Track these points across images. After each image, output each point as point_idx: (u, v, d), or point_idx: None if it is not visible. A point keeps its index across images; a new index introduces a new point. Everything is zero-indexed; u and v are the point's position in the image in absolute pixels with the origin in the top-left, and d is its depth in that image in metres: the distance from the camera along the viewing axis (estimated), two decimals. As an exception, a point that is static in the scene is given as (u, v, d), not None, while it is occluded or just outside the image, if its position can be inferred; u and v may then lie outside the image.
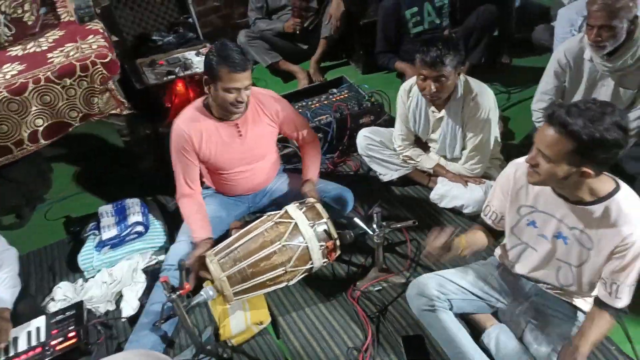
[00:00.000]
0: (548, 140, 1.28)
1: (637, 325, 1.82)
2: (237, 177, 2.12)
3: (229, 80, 1.81)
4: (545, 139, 1.29)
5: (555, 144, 1.27)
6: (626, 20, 1.92)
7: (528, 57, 3.39)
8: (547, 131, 1.28)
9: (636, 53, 2.03)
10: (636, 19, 1.96)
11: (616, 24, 1.91)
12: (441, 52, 1.91)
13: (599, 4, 1.91)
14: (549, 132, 1.28)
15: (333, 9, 3.23)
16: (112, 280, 2.12)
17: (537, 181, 1.39)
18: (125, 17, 3.25)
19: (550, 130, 1.27)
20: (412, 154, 2.38)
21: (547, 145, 1.29)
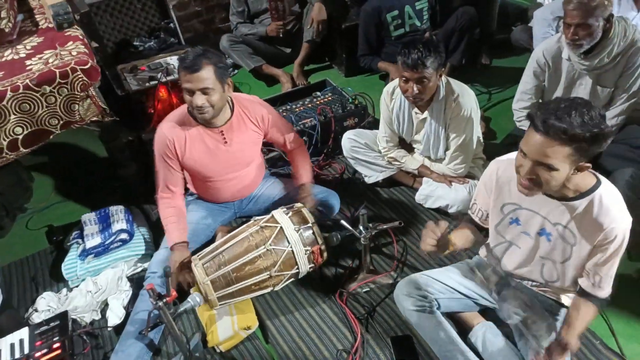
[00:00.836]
0: (548, 151, 1.25)
1: (620, 319, 1.86)
2: (222, 184, 2.11)
3: (184, 81, 1.79)
4: (543, 149, 1.26)
5: (558, 151, 1.25)
6: (601, 18, 1.96)
7: (507, 58, 3.45)
8: (544, 142, 1.25)
9: (612, 52, 2.07)
10: (611, 18, 2.01)
11: (592, 22, 1.96)
12: (422, 54, 1.93)
13: (574, 3, 1.95)
14: (547, 142, 1.24)
15: (315, 13, 3.25)
16: (97, 289, 2.09)
17: (535, 192, 1.37)
18: (105, 23, 3.22)
19: (548, 139, 1.24)
20: (397, 155, 2.40)
21: (547, 155, 1.26)
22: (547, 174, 1.30)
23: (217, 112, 1.88)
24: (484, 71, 3.39)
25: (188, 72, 1.76)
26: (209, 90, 1.79)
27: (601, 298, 1.50)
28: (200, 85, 1.77)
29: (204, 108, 1.82)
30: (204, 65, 1.76)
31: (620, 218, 1.39)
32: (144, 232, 2.30)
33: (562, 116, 1.22)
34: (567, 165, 1.28)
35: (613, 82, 2.18)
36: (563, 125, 1.21)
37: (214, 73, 1.78)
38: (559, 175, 1.29)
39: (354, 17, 3.32)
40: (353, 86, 3.28)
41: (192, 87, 1.78)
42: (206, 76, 1.76)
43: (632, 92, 2.18)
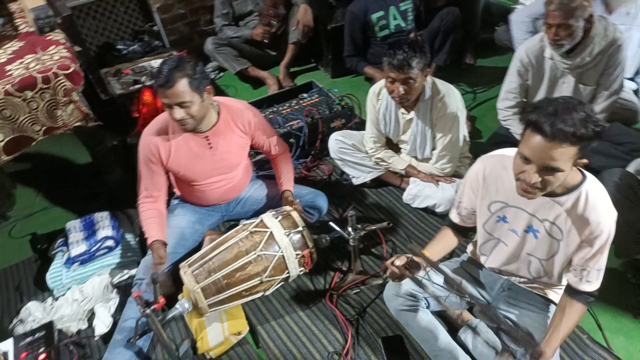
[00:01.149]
0: (556, 155, 1.25)
1: (606, 313, 1.89)
2: (209, 188, 2.09)
3: (160, 96, 1.78)
4: (551, 154, 1.26)
5: (565, 153, 1.26)
6: (582, 19, 1.99)
7: (491, 57, 3.48)
8: (553, 146, 1.25)
9: (593, 50, 2.11)
10: (592, 18, 2.04)
11: (572, 22, 1.98)
12: (407, 55, 1.94)
13: (555, 4, 1.98)
14: (555, 146, 1.24)
15: (300, 14, 3.24)
16: (83, 297, 2.06)
17: (540, 194, 1.37)
18: (87, 27, 3.18)
19: (556, 144, 1.24)
20: (384, 155, 2.41)
21: (555, 158, 1.26)
22: (552, 177, 1.30)
23: (198, 122, 1.87)
24: (469, 71, 3.41)
25: (162, 88, 1.75)
26: (186, 103, 1.77)
27: (588, 292, 1.51)
28: (176, 100, 1.75)
29: (184, 120, 1.81)
30: (177, 79, 1.73)
31: (606, 213, 1.41)
32: (130, 238, 2.27)
33: (566, 118, 1.23)
34: (570, 164, 1.29)
35: (595, 81, 2.22)
36: (571, 129, 1.22)
37: (188, 85, 1.75)
38: (562, 175, 1.31)
39: (339, 18, 3.32)
40: (339, 87, 3.28)
41: (168, 102, 1.77)
42: (181, 90, 1.74)
43: (614, 90, 2.22)
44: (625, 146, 2.28)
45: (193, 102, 1.78)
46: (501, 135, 2.54)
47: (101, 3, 3.16)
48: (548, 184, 1.32)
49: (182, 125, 1.83)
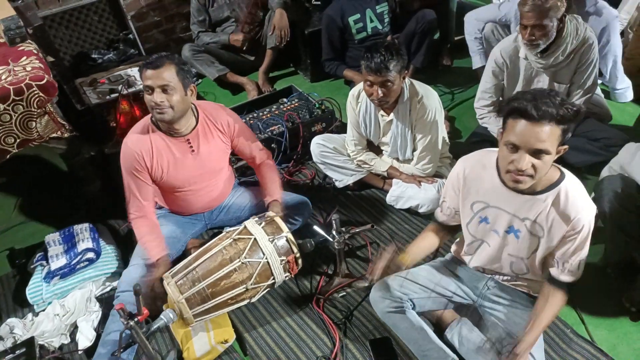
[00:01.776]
0: (543, 136, 1.30)
1: (588, 307, 1.92)
2: (191, 195, 2.07)
3: (144, 79, 1.78)
4: (538, 136, 1.30)
5: (551, 135, 1.30)
6: (555, 19, 2.04)
7: (467, 58, 3.52)
8: (540, 128, 1.29)
9: (566, 50, 2.16)
10: (564, 18, 2.09)
11: (547, 23, 2.03)
12: (385, 58, 1.95)
13: (529, 5, 2.02)
14: (542, 127, 1.29)
15: (277, 19, 3.24)
16: (65, 311, 2.01)
17: (528, 185, 1.40)
18: (60, 36, 3.13)
19: (541, 125, 1.29)
20: (366, 158, 2.42)
21: (543, 140, 1.30)
22: (540, 162, 1.34)
23: (177, 115, 1.84)
24: (446, 72, 3.46)
25: (149, 67, 1.76)
26: (169, 88, 1.77)
27: (570, 283, 1.54)
28: (160, 82, 1.76)
29: (163, 107, 1.78)
30: (166, 63, 1.77)
31: (585, 208, 1.44)
32: (111, 249, 2.23)
33: (546, 101, 1.29)
34: (555, 148, 1.33)
35: (569, 79, 2.27)
36: (553, 109, 1.28)
37: (176, 73, 1.79)
38: (550, 159, 1.35)
39: (316, 22, 3.33)
40: (319, 91, 3.29)
41: (152, 84, 1.76)
42: (167, 74, 1.77)
43: (587, 88, 2.27)
44: (601, 142, 2.34)
45: (176, 90, 1.79)
46: (480, 134, 2.58)
47: (74, 12, 3.11)
48: (537, 169, 1.35)
49: (160, 113, 1.80)
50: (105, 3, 3.19)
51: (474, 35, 3.04)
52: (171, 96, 1.78)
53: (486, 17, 2.96)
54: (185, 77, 1.82)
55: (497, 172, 1.52)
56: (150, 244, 1.92)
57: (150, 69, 1.77)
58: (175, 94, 1.79)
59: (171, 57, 1.81)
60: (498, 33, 2.92)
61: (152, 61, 1.78)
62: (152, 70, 1.76)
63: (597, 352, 1.77)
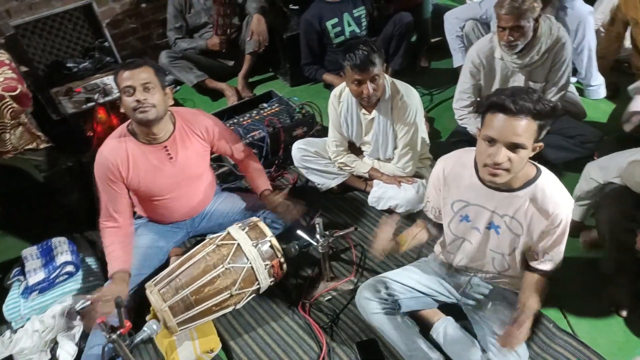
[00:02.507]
0: (519, 130, 1.33)
1: (570, 302, 1.96)
2: (172, 203, 2.04)
3: (122, 81, 1.77)
4: (515, 130, 1.33)
5: (527, 129, 1.33)
6: (532, 19, 2.08)
7: (444, 60, 3.57)
8: (516, 122, 1.32)
9: (540, 49, 2.20)
10: (539, 18, 2.13)
11: (524, 23, 2.07)
12: (368, 54, 1.98)
13: (506, 8, 2.05)
14: (518, 121, 1.32)
15: (254, 25, 3.23)
16: (45, 327, 1.96)
17: (505, 179, 1.41)
18: (34, 46, 3.07)
19: (518, 119, 1.32)
20: (347, 160, 2.43)
21: (519, 134, 1.33)
22: (516, 156, 1.36)
23: (160, 115, 1.83)
24: (424, 73, 3.49)
25: (128, 68, 1.77)
26: (151, 86, 1.78)
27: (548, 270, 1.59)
28: (141, 80, 1.77)
29: (146, 105, 1.77)
30: (144, 64, 1.80)
31: (562, 203, 1.47)
32: (91, 262, 2.19)
33: (524, 97, 1.32)
34: (531, 143, 1.36)
35: (543, 77, 2.31)
36: (529, 104, 1.32)
37: (154, 74, 1.80)
38: (526, 154, 1.37)
39: (294, 26, 3.33)
40: (299, 95, 3.29)
41: (132, 83, 1.76)
42: (147, 73, 1.78)
43: (561, 85, 2.32)
44: (576, 139, 2.38)
45: (156, 89, 1.80)
46: (459, 133, 2.61)
47: (47, 21, 3.06)
48: (513, 163, 1.37)
49: (143, 112, 1.78)
50: (80, 11, 3.14)
51: (455, 33, 3.07)
52: (153, 94, 1.79)
53: (466, 16, 2.99)
54: (162, 79, 1.85)
55: (476, 170, 1.54)
56: (112, 254, 1.88)
57: (129, 69, 1.77)
58: (156, 93, 1.80)
59: (147, 60, 1.85)
60: (478, 31, 2.96)
61: (129, 62, 1.80)
62: (131, 70, 1.76)
63: (579, 345, 1.80)
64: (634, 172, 1.72)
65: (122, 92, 1.79)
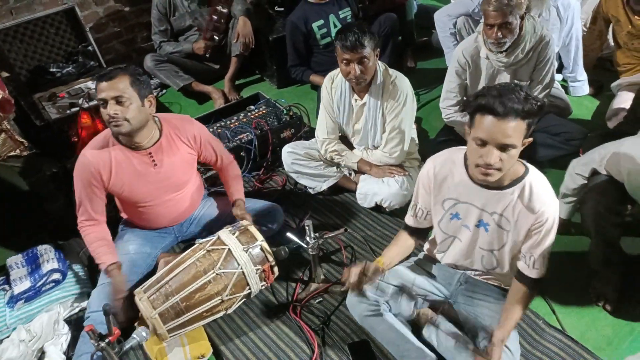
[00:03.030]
0: (509, 131, 1.33)
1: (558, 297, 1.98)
2: (158, 209, 2.02)
3: (98, 91, 1.74)
4: (505, 131, 1.33)
5: (516, 129, 1.34)
6: (519, 15, 2.10)
7: (430, 60, 3.60)
8: (505, 123, 1.33)
9: (525, 48, 2.22)
10: (524, 15, 2.15)
11: (512, 20, 2.09)
12: (359, 35, 2.01)
13: (493, 5, 2.06)
14: (507, 122, 1.33)
15: (240, 27, 3.22)
16: (31, 336, 1.93)
17: (499, 176, 1.43)
18: (15, 51, 3.02)
19: (507, 121, 1.33)
20: (338, 148, 2.42)
21: (509, 135, 1.34)
22: (507, 155, 1.38)
23: (135, 127, 1.79)
24: (410, 74, 3.46)
25: (102, 80, 1.72)
26: (124, 99, 1.72)
27: (535, 279, 1.59)
28: (113, 93, 1.71)
29: (118, 119, 1.73)
30: (120, 74, 1.73)
31: (549, 202, 1.49)
32: (78, 269, 2.16)
33: (511, 97, 1.32)
34: (521, 142, 1.38)
35: (528, 76, 2.34)
36: (518, 106, 1.32)
37: (130, 84, 1.74)
38: (516, 152, 1.39)
39: (280, 28, 3.33)
40: (286, 97, 3.28)
41: (105, 96, 1.72)
42: (121, 85, 1.72)
43: (546, 83, 2.35)
44: (561, 136, 2.42)
45: (131, 102, 1.74)
46: (447, 132, 2.63)
47: (29, 25, 3.01)
48: (505, 163, 1.39)
49: (115, 126, 1.75)
50: (62, 15, 3.10)
51: (447, 31, 3.07)
52: (126, 108, 1.73)
53: (458, 12, 2.99)
54: (142, 88, 1.78)
55: (465, 168, 1.55)
56: (100, 249, 1.88)
57: (103, 81, 1.72)
58: (131, 105, 1.74)
59: (125, 69, 1.77)
60: (469, 26, 2.97)
61: (105, 73, 1.74)
62: (105, 82, 1.72)
63: (567, 340, 1.82)
64: (618, 161, 1.75)
65: (98, 103, 1.77)
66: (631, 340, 1.82)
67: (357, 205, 2.45)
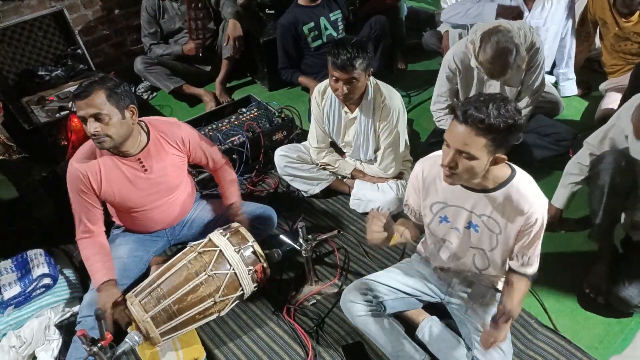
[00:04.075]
0: (467, 140, 1.33)
1: (550, 297, 2.00)
2: (150, 214, 2.00)
3: (77, 109, 1.71)
4: (463, 139, 1.34)
5: (476, 140, 1.33)
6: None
7: (421, 62, 3.62)
8: (464, 131, 1.33)
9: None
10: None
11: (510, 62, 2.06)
12: (351, 56, 1.98)
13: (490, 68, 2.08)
14: (467, 131, 1.32)
15: (230, 30, 3.21)
16: (22, 342, 1.90)
17: (456, 181, 1.45)
18: (3, 54, 2.99)
19: (468, 129, 1.32)
20: (330, 159, 2.42)
21: (467, 144, 1.34)
22: (467, 163, 1.38)
23: (118, 141, 1.76)
24: (401, 75, 3.52)
25: (77, 99, 1.68)
26: (102, 116, 1.68)
27: (530, 274, 1.60)
28: (90, 111, 1.68)
29: (99, 137, 1.70)
30: (95, 90, 1.68)
31: (537, 203, 1.49)
32: (69, 274, 2.13)
33: (481, 108, 1.31)
34: (485, 155, 1.36)
35: (518, 82, 2.35)
36: (480, 115, 1.30)
37: (106, 98, 1.69)
38: (478, 164, 1.38)
39: (271, 31, 3.33)
40: (278, 100, 3.28)
41: (83, 114, 1.69)
42: (98, 101, 1.68)
43: (536, 88, 2.37)
44: (551, 137, 2.44)
45: (111, 117, 1.70)
46: (438, 133, 2.64)
47: (16, 29, 2.98)
48: (463, 168, 1.39)
49: (98, 142, 1.73)
50: (50, 18, 3.07)
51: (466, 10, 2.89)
52: (106, 124, 1.70)
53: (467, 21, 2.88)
54: (120, 100, 1.72)
55: None
56: (95, 266, 1.85)
57: (78, 99, 1.68)
58: (110, 121, 1.70)
59: (100, 82, 1.70)
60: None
61: (79, 92, 1.68)
62: (80, 100, 1.68)
63: (560, 339, 1.84)
64: None
65: None
66: (622, 338, 1.84)
67: (350, 208, 2.45)
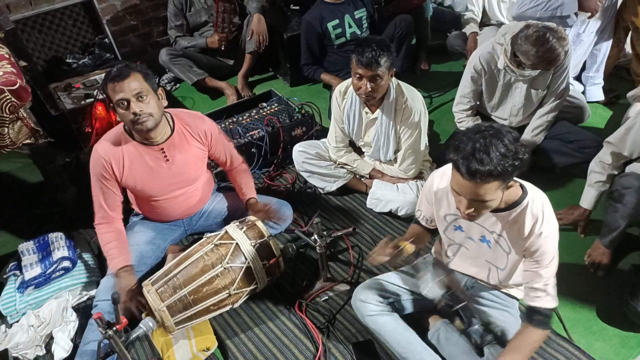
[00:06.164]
0: (479, 191, 1.29)
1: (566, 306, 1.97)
2: (169, 203, 2.03)
3: (114, 94, 1.72)
4: (475, 191, 1.30)
5: (487, 189, 1.29)
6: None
7: (445, 63, 3.59)
8: (474, 186, 1.28)
9: None
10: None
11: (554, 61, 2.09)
12: (376, 53, 1.98)
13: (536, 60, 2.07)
14: (476, 185, 1.28)
15: (254, 24, 3.23)
16: (40, 322, 1.95)
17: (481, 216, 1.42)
18: (34, 41, 3.06)
19: (477, 183, 1.27)
20: (348, 159, 2.42)
21: (479, 194, 1.30)
22: (483, 205, 1.35)
23: (157, 121, 1.80)
24: (424, 76, 3.50)
25: (117, 81, 1.71)
26: (144, 95, 1.73)
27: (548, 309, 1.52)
28: (134, 89, 1.72)
29: (143, 116, 1.74)
30: (132, 71, 1.73)
31: (547, 222, 1.45)
32: (87, 258, 2.18)
33: (483, 158, 1.24)
34: (500, 192, 1.33)
35: (545, 85, 2.32)
36: (488, 168, 1.23)
37: (143, 79, 1.75)
38: (494, 202, 1.35)
39: (295, 27, 3.33)
40: (299, 95, 3.29)
41: (124, 96, 1.71)
42: (137, 81, 1.73)
43: (560, 91, 2.33)
44: (575, 144, 2.39)
45: (150, 96, 1.75)
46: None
47: (47, 16, 3.05)
48: (482, 210, 1.37)
49: (141, 122, 1.75)
50: (80, 7, 3.14)
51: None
52: (148, 103, 1.75)
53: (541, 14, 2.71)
54: (153, 82, 1.80)
55: None
56: (112, 252, 1.88)
57: (117, 81, 1.70)
58: (151, 100, 1.76)
59: (132, 66, 1.76)
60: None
61: (116, 74, 1.71)
62: (120, 82, 1.70)
63: (575, 349, 1.81)
64: None
65: (115, 105, 1.75)
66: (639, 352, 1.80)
67: (366, 207, 2.45)
